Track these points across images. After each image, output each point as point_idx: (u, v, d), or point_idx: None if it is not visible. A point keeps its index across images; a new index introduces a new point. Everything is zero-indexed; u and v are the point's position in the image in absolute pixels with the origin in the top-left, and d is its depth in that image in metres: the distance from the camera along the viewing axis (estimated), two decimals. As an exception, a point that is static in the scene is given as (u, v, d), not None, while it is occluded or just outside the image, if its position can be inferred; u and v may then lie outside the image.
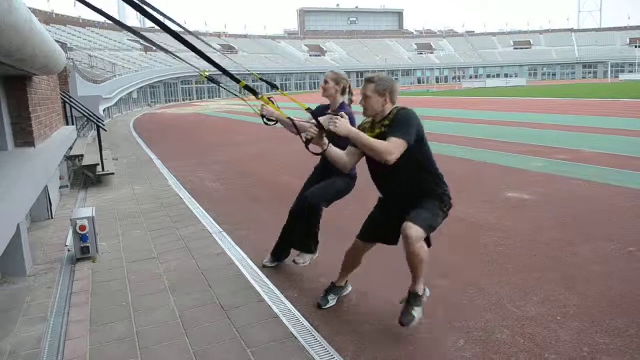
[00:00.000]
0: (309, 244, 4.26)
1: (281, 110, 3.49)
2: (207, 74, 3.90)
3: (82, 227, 4.76)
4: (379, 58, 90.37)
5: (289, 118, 3.54)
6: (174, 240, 5.37)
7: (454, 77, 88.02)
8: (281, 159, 10.60)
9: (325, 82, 4.18)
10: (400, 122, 3.09)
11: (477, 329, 3.22)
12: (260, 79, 3.73)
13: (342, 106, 4.16)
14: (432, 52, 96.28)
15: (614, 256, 4.36)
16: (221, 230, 5.63)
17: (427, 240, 3.17)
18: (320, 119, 3.16)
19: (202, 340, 3.22)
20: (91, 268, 4.67)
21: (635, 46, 78.33)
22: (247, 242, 5.07)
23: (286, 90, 78.94)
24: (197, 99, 64.62)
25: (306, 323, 3.39)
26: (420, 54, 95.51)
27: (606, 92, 33.48)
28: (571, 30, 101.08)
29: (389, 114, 3.18)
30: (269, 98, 3.32)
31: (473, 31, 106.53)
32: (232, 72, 2.87)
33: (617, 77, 70.06)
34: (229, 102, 47.50)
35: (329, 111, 4.10)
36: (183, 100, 60.27)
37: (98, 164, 9.14)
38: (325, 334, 3.23)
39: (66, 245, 5.33)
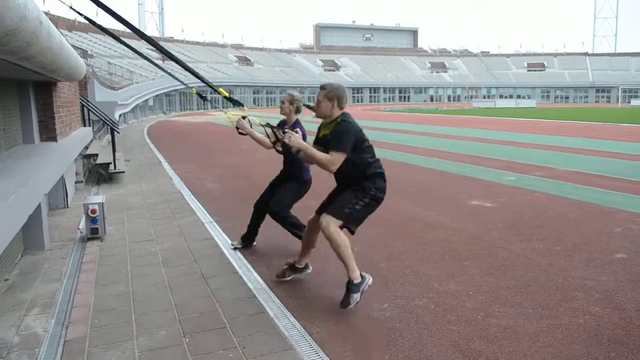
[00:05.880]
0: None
1: (257, 118, 4.47)
2: (195, 91, 4.91)
3: (93, 211, 5.65)
4: (391, 75, 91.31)
5: (268, 126, 4.45)
6: (171, 227, 6.25)
7: (466, 97, 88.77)
8: (275, 166, 11.43)
9: (282, 102, 5.08)
10: (338, 135, 3.81)
11: (401, 297, 4.02)
12: (228, 98, 4.61)
13: (296, 123, 5.01)
14: (445, 71, 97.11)
15: (540, 253, 5.10)
16: (212, 220, 6.50)
17: (351, 230, 3.91)
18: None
19: (183, 297, 4.06)
20: (99, 246, 5.55)
21: (650, 72, 78.40)
22: (232, 230, 5.89)
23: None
24: (212, 108, 65.71)
25: (267, 288, 4.22)
26: (434, 72, 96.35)
27: (610, 117, 33.96)
28: (585, 54, 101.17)
29: (336, 118, 3.91)
30: (243, 117, 4.43)
31: (488, 52, 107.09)
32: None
33: (629, 102, 70.31)
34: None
35: (287, 127, 4.73)
36: (198, 109, 61.36)
37: (111, 163, 10.08)
38: (281, 296, 4.06)
39: (79, 229, 6.21)
